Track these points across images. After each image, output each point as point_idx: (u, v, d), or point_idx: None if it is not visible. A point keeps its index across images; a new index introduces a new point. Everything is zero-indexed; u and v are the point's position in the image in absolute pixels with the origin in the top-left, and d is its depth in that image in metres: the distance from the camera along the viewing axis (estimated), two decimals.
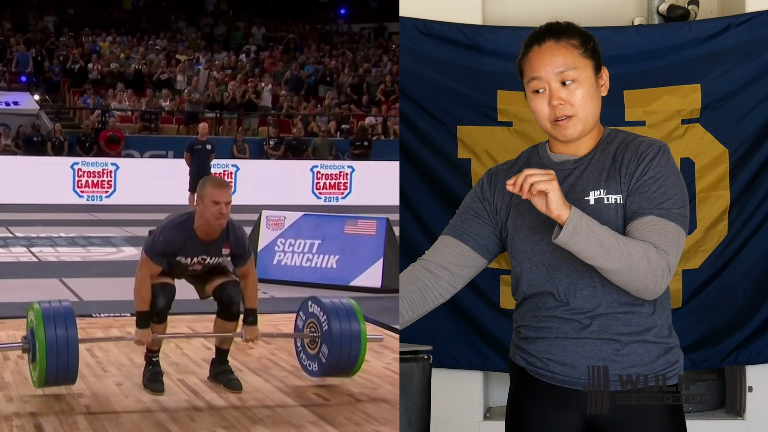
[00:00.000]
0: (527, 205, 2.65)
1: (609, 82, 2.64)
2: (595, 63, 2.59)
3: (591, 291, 2.57)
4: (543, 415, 2.66)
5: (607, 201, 2.56)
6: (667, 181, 2.53)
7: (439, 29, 5.09)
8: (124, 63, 23.04)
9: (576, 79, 2.55)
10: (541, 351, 2.64)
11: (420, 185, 5.16)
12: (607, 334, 2.57)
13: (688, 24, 5.16)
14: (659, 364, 2.60)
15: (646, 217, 2.50)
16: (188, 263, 4.77)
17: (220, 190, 4.63)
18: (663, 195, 2.52)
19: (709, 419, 5.27)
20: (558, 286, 2.60)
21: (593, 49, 2.60)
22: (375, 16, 28.41)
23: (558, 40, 2.58)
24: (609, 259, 2.42)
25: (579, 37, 2.59)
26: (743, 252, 5.04)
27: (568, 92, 2.55)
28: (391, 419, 4.49)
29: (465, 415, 5.32)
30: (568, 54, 2.56)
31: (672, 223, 2.50)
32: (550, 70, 2.55)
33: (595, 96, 2.58)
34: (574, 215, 2.40)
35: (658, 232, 2.48)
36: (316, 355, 5.01)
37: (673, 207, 2.51)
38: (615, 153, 2.60)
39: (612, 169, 2.58)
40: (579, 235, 2.40)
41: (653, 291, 2.50)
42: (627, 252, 2.43)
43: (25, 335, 4.66)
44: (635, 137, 2.63)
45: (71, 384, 4.64)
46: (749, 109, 5.00)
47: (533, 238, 2.64)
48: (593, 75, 2.58)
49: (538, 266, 2.63)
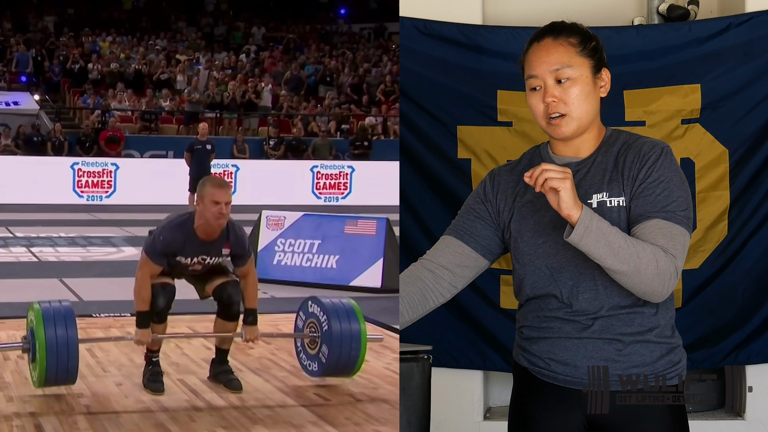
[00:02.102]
0: (531, 207, 2.65)
1: (610, 84, 2.64)
2: (594, 63, 2.59)
3: (593, 294, 2.57)
4: (545, 415, 2.66)
5: (609, 204, 2.56)
6: (671, 183, 2.53)
7: (439, 29, 5.09)
8: (124, 63, 23.04)
9: (571, 78, 2.55)
10: (543, 351, 2.64)
11: (420, 185, 5.16)
12: (609, 334, 2.57)
13: (688, 24, 5.16)
14: (661, 364, 2.60)
15: (652, 220, 2.50)
16: (188, 263, 4.77)
17: (220, 190, 4.63)
18: (667, 198, 2.51)
19: (709, 419, 5.27)
20: (561, 288, 2.60)
21: (593, 48, 2.59)
22: (375, 16, 28.41)
23: (556, 38, 2.58)
24: (618, 261, 2.42)
25: (578, 36, 2.59)
26: (743, 252, 5.04)
27: (562, 90, 2.55)
28: (391, 419, 4.48)
29: (465, 415, 5.32)
30: (565, 52, 2.56)
31: (677, 225, 2.50)
32: (545, 68, 2.56)
33: (591, 95, 2.57)
34: (585, 216, 2.39)
35: (664, 236, 2.48)
36: (316, 355, 5.01)
37: (678, 209, 2.51)
38: (617, 155, 2.59)
39: (614, 171, 2.58)
40: (589, 236, 2.40)
41: (660, 294, 2.50)
42: (636, 254, 2.42)
43: (25, 335, 4.66)
44: (638, 138, 2.62)
45: (71, 384, 4.64)
46: (749, 109, 5.00)
47: (536, 241, 2.64)
48: (590, 74, 2.58)
49: (541, 269, 2.63)
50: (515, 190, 2.71)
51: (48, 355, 4.37)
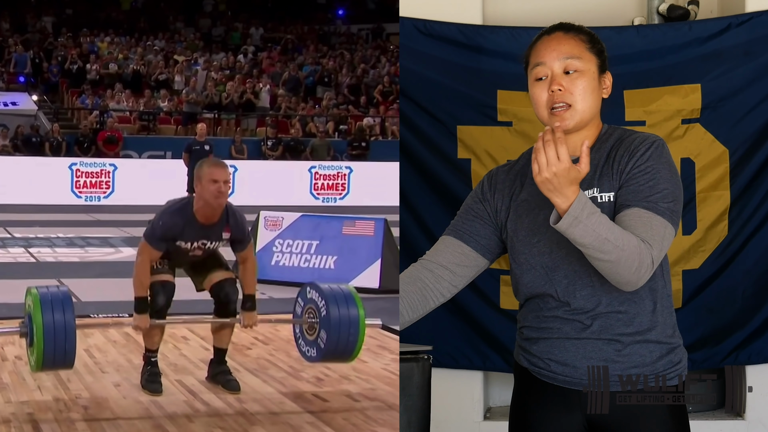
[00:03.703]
0: (525, 206, 2.64)
1: (611, 88, 2.63)
2: (600, 63, 2.60)
3: (590, 291, 2.56)
4: (545, 415, 2.65)
5: (600, 200, 2.54)
6: (657, 174, 2.50)
7: (439, 29, 5.09)
8: (123, 63, 23.02)
9: (579, 70, 2.55)
10: (543, 351, 2.63)
11: (420, 185, 5.16)
12: (608, 335, 2.56)
13: (688, 24, 5.16)
14: (661, 364, 2.58)
15: (632, 209, 2.47)
16: (188, 248, 4.75)
17: (217, 169, 4.63)
18: (652, 188, 2.48)
19: (709, 419, 5.27)
20: (557, 287, 2.59)
21: (600, 50, 2.61)
22: (373, 17, 28.41)
23: (567, 32, 2.60)
24: (601, 252, 2.39)
25: (587, 35, 2.62)
26: (743, 252, 5.04)
27: (570, 80, 2.55)
28: (389, 420, 4.47)
29: (465, 415, 5.31)
30: (575, 45, 2.57)
31: (658, 216, 2.46)
32: (555, 56, 2.56)
33: (595, 91, 2.58)
34: (576, 206, 2.35)
35: (643, 224, 2.44)
36: (314, 341, 4.98)
37: (661, 201, 2.48)
38: (610, 150, 2.59)
39: (605, 166, 2.57)
40: (578, 226, 2.36)
41: (633, 284, 2.46)
42: (620, 247, 2.39)
43: (22, 320, 4.65)
44: (631, 134, 2.61)
45: (69, 368, 4.57)
46: (749, 109, 5.00)
47: (531, 240, 2.63)
48: (597, 72, 2.59)
49: (536, 268, 2.62)
50: (512, 189, 2.71)
51: (45, 339, 4.34)
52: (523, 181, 2.70)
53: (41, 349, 4.36)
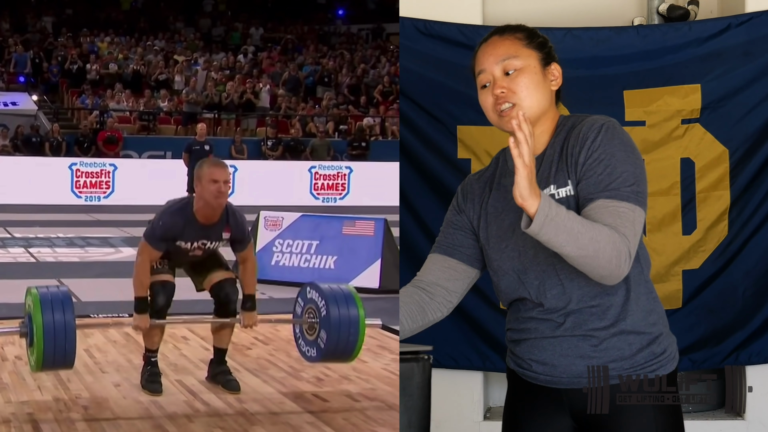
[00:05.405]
0: (493, 212, 2.66)
1: (562, 79, 2.61)
2: (543, 56, 2.58)
3: (560, 289, 2.55)
4: (532, 416, 2.66)
5: (558, 196, 2.52)
6: (612, 159, 2.46)
7: (439, 29, 5.08)
8: (123, 63, 23.02)
9: (518, 68, 2.55)
10: (525, 352, 2.65)
11: (420, 185, 5.16)
12: (581, 331, 2.54)
13: (688, 24, 5.16)
14: (641, 356, 2.54)
15: (596, 201, 2.44)
16: (188, 248, 4.75)
17: (217, 169, 4.63)
18: (610, 175, 2.45)
19: (709, 419, 5.27)
20: (529, 289, 2.59)
21: (540, 43, 2.60)
22: (373, 17, 28.41)
23: (502, 35, 2.61)
24: (577, 247, 2.36)
25: (524, 32, 2.61)
26: (743, 252, 5.03)
27: (510, 81, 2.55)
28: (389, 420, 4.47)
29: (465, 415, 5.31)
30: (511, 45, 2.58)
31: (624, 202, 2.43)
32: (492, 60, 2.57)
33: (540, 86, 2.56)
34: (543, 205, 2.33)
35: (611, 214, 2.41)
36: (314, 341, 4.98)
37: (622, 186, 2.44)
38: (563, 143, 2.56)
39: (560, 161, 2.55)
40: (549, 227, 2.34)
41: (616, 276, 2.43)
42: (594, 239, 2.37)
43: (22, 320, 4.65)
44: (581, 120, 2.56)
45: (69, 368, 4.58)
46: (749, 109, 5.00)
47: (500, 246, 2.64)
48: (539, 65, 2.57)
49: (509, 273, 2.63)
50: (482, 196, 2.73)
51: (45, 339, 4.34)
52: (492, 187, 2.70)
53: (41, 349, 4.36)
